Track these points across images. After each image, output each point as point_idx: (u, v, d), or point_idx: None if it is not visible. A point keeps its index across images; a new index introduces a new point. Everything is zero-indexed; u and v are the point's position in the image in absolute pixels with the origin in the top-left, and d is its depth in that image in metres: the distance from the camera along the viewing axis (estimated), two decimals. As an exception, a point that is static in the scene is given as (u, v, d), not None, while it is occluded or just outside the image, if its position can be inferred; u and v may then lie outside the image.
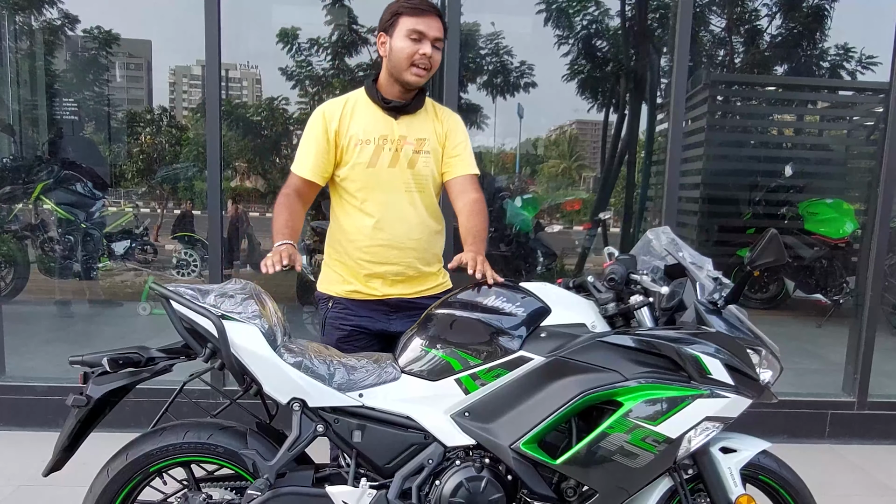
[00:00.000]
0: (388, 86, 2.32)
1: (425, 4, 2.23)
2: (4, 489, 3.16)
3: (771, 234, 1.79)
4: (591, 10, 6.34)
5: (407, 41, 2.21)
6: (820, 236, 5.87)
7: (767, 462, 2.12)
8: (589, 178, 8.01)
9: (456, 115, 2.48)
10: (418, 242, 2.36)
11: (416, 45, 2.21)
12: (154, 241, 6.32)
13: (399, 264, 2.35)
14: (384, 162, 2.30)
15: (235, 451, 2.00)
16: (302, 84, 6.27)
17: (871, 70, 5.88)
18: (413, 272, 2.38)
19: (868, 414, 4.11)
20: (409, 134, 2.33)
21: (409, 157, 2.32)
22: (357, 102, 2.36)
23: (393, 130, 2.32)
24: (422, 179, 2.34)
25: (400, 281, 2.38)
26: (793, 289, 6.41)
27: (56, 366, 4.18)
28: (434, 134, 2.37)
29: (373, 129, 2.31)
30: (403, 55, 2.22)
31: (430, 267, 2.44)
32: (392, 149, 2.30)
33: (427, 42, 2.22)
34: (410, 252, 2.35)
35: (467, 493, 1.93)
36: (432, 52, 2.23)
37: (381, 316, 2.42)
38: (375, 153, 2.30)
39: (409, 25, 2.21)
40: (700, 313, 1.93)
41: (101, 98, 6.51)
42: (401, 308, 2.41)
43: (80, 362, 1.96)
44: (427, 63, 2.23)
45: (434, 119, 2.40)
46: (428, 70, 2.25)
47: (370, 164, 2.30)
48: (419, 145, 2.33)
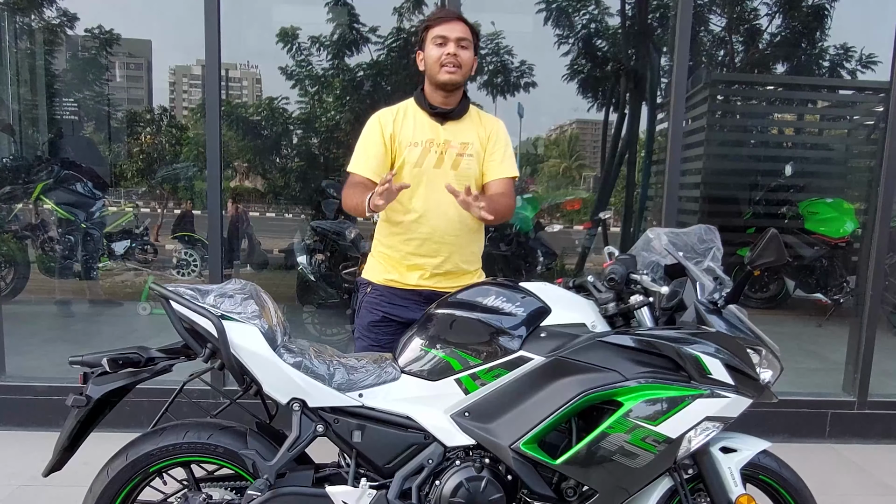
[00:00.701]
0: (431, 94, 2.52)
1: (445, 13, 2.51)
2: (5, 489, 3.16)
3: (771, 233, 1.79)
4: (591, 10, 6.34)
5: (434, 47, 2.43)
6: (820, 235, 5.87)
7: (768, 462, 2.12)
8: (589, 177, 8.00)
9: (499, 122, 2.64)
10: (457, 238, 2.50)
11: (441, 48, 2.41)
12: (154, 240, 6.32)
13: (438, 257, 2.49)
14: (430, 162, 2.48)
15: (235, 452, 2.00)
16: (302, 84, 6.27)
17: (871, 69, 5.88)
18: (451, 266, 2.51)
19: (868, 413, 4.10)
20: (454, 138, 2.51)
21: (454, 159, 2.49)
22: (408, 110, 2.56)
23: (439, 134, 2.51)
24: (464, 180, 2.45)
25: (438, 274, 2.51)
26: (793, 288, 6.40)
27: (56, 366, 4.18)
28: (477, 138, 2.54)
29: (421, 133, 2.50)
30: (433, 59, 2.43)
31: (468, 265, 2.57)
32: (437, 151, 2.49)
33: (451, 43, 2.41)
34: (449, 247, 2.49)
35: (467, 493, 1.93)
36: (458, 50, 2.41)
37: (413, 306, 2.51)
38: (422, 154, 2.48)
39: (434, 33, 2.43)
40: (700, 313, 1.93)
41: (102, 98, 6.51)
42: (433, 300, 2.44)
43: (79, 362, 1.96)
44: (454, 61, 2.40)
45: (478, 125, 2.57)
46: (458, 67, 2.42)
47: (417, 164, 2.47)
48: (463, 148, 2.51)
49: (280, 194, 6.73)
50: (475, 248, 2.61)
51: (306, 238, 5.50)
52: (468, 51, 2.44)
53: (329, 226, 5.32)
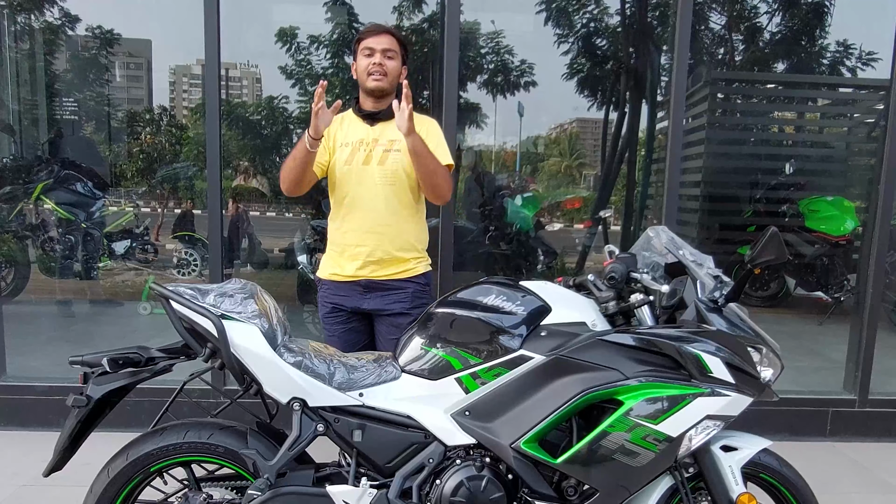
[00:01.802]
0: (363, 100, 2.75)
1: (375, 27, 2.69)
2: (5, 489, 3.16)
3: (771, 232, 1.78)
4: (591, 9, 6.33)
5: (362, 57, 2.68)
6: (821, 234, 5.86)
7: (768, 460, 2.11)
8: (589, 176, 8.00)
9: (431, 119, 2.82)
10: (388, 228, 2.68)
11: (368, 58, 2.66)
12: (154, 240, 6.32)
13: (368, 246, 2.68)
14: (358, 160, 2.69)
15: (236, 451, 2.01)
16: (302, 83, 6.26)
17: (871, 67, 5.87)
18: (382, 254, 2.69)
19: (869, 412, 4.10)
20: (382, 136, 2.71)
21: (380, 155, 2.69)
22: (346, 116, 2.80)
23: (368, 134, 2.72)
24: (391, 174, 2.68)
25: (372, 262, 2.69)
26: (794, 286, 6.40)
27: (56, 366, 4.18)
28: None
29: (352, 135, 2.73)
30: (361, 68, 2.69)
31: (402, 252, 2.73)
32: (366, 150, 2.69)
33: (377, 54, 2.64)
34: (380, 237, 2.67)
35: (468, 492, 1.93)
36: (383, 60, 2.64)
37: (355, 295, 2.73)
38: (352, 153, 2.70)
39: (363, 45, 2.68)
40: (701, 311, 1.93)
41: (102, 98, 6.50)
42: (372, 288, 2.71)
43: (80, 362, 1.96)
44: (380, 70, 2.64)
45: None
46: (384, 75, 2.65)
47: (346, 162, 2.70)
48: (390, 145, 2.69)
49: (280, 193, 6.73)
50: (408, 237, 2.74)
51: (307, 237, 5.49)
52: (394, 60, 2.67)
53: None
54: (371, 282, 2.70)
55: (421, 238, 2.82)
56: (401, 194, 2.71)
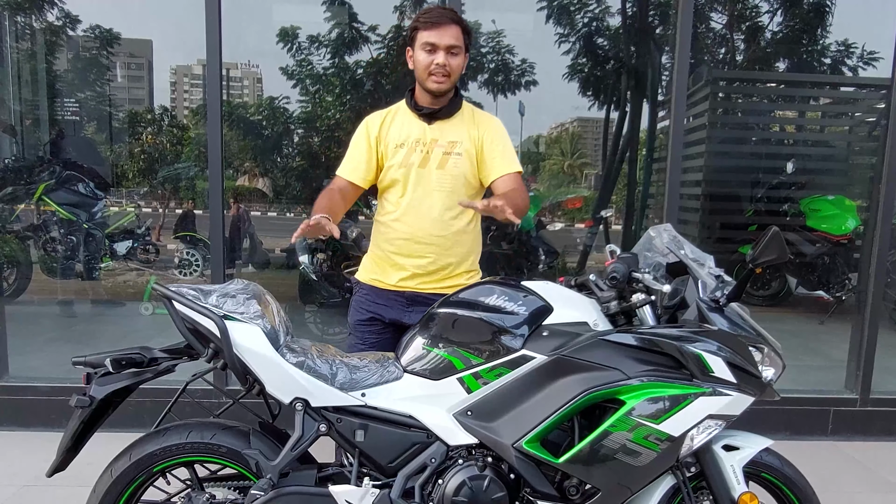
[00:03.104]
0: (420, 94, 2.47)
1: (436, 16, 2.35)
2: (8, 489, 3.17)
3: (773, 231, 1.78)
4: (592, 8, 6.34)
5: (423, 53, 2.36)
6: (822, 233, 5.86)
7: (770, 459, 2.11)
8: (590, 175, 8.01)
9: (495, 120, 2.57)
10: (441, 239, 2.45)
11: (430, 55, 2.34)
12: (156, 240, 6.33)
13: (424, 258, 2.45)
14: (415, 162, 2.44)
15: (238, 451, 2.01)
16: (303, 83, 6.28)
17: (872, 66, 5.87)
18: (434, 266, 2.46)
19: (870, 411, 4.10)
20: (441, 137, 2.45)
21: (440, 158, 2.44)
22: (398, 112, 2.53)
23: (425, 134, 2.46)
24: (451, 179, 2.44)
25: (420, 274, 2.47)
26: (795, 286, 6.39)
27: (59, 366, 4.18)
28: (468, 137, 2.47)
29: (407, 133, 2.46)
30: (421, 67, 2.37)
31: (457, 266, 2.51)
32: (423, 151, 2.44)
33: (440, 52, 2.33)
34: (432, 247, 2.44)
35: (470, 491, 1.93)
36: (447, 58, 2.34)
37: (397, 306, 2.52)
38: (407, 154, 2.44)
39: (424, 39, 2.35)
40: (702, 311, 1.93)
41: (103, 98, 6.52)
42: (417, 302, 2.48)
43: (83, 363, 1.96)
44: (443, 70, 2.34)
45: (470, 123, 2.50)
46: (447, 76, 2.36)
47: (402, 165, 2.44)
48: (451, 147, 2.45)
49: (281, 193, 6.74)
50: (464, 249, 2.52)
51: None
52: (459, 57, 2.38)
53: (330, 225, 5.31)
54: (417, 295, 2.47)
55: (475, 250, 2.58)
56: (457, 202, 2.43)
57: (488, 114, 2.59)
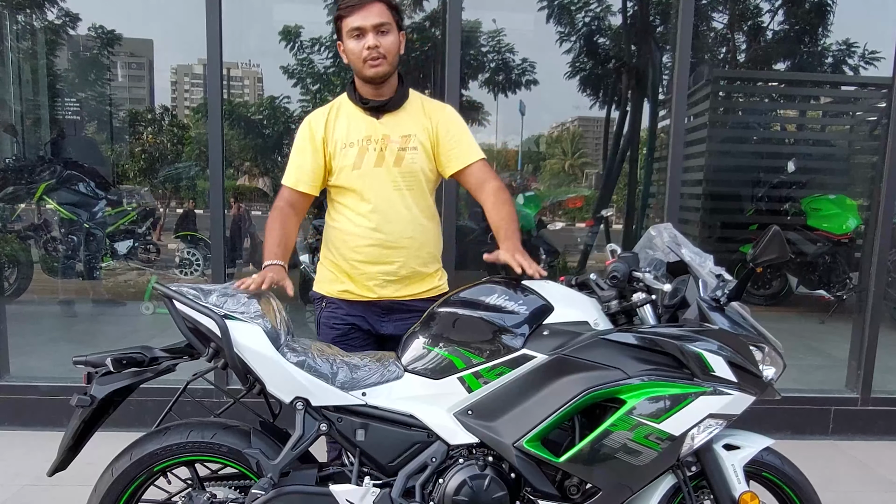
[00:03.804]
0: (361, 87, 2.32)
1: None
2: (10, 488, 3.17)
3: (773, 231, 1.78)
4: (593, 7, 6.33)
5: (352, 41, 2.21)
6: (823, 232, 5.86)
7: (771, 459, 2.11)
8: (591, 175, 8.00)
9: (447, 107, 2.42)
10: (412, 241, 2.34)
11: (359, 41, 2.20)
12: (157, 240, 6.33)
13: (393, 263, 2.34)
14: (369, 162, 2.29)
15: (239, 451, 2.01)
16: (304, 82, 6.27)
17: (873, 65, 5.87)
18: (407, 271, 2.37)
19: (871, 410, 4.10)
20: (393, 132, 2.31)
21: (395, 154, 2.30)
22: (341, 107, 2.37)
23: (376, 130, 2.31)
24: (410, 176, 2.32)
25: (393, 281, 2.36)
26: (796, 285, 6.39)
27: (60, 365, 4.19)
28: (421, 129, 2.34)
29: (356, 132, 2.31)
30: (354, 55, 2.23)
31: (426, 267, 2.42)
32: (376, 148, 2.29)
33: (368, 34, 2.18)
34: (404, 251, 2.34)
35: (471, 491, 1.93)
36: (377, 39, 2.19)
37: (372, 316, 2.42)
38: (359, 155, 2.29)
39: (349, 25, 2.20)
40: (703, 310, 1.93)
41: (103, 98, 6.52)
42: (393, 310, 2.41)
43: (83, 362, 1.96)
44: (376, 53, 2.19)
45: (421, 113, 2.37)
46: (383, 58, 2.20)
47: (355, 167, 2.30)
48: (405, 142, 2.31)
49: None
50: (431, 248, 2.43)
51: (309, 236, 5.49)
52: (390, 35, 2.21)
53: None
54: (393, 303, 2.38)
55: (440, 246, 2.48)
56: (420, 199, 2.35)
57: (439, 102, 2.46)
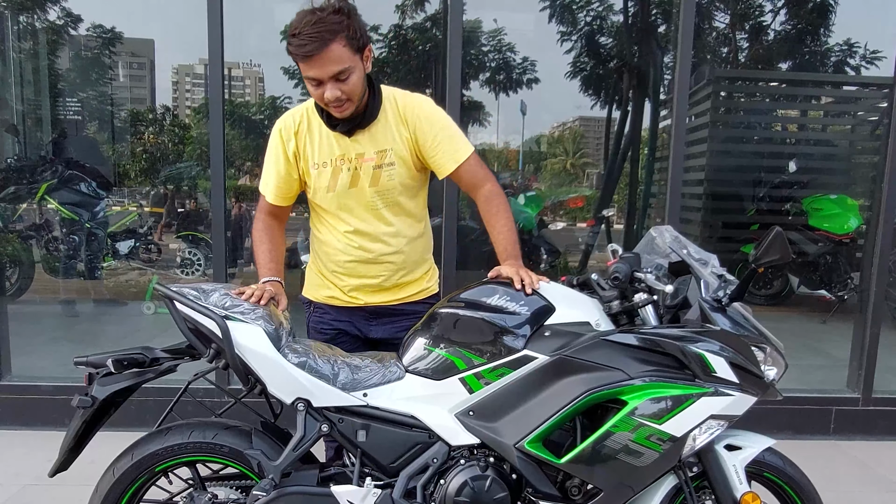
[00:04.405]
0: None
1: (307, 42, 1.94)
2: (11, 488, 3.17)
3: (775, 232, 1.78)
4: (594, 6, 6.33)
5: (311, 86, 2.05)
6: (824, 232, 5.86)
7: (772, 459, 2.11)
8: (592, 174, 8.00)
9: (423, 105, 2.22)
10: (396, 256, 2.30)
11: (317, 89, 2.04)
12: (158, 240, 6.33)
13: (377, 277, 2.32)
14: (343, 184, 2.20)
15: (240, 451, 2.01)
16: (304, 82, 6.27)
17: (874, 65, 5.86)
18: (391, 283, 2.34)
19: (873, 410, 4.10)
20: (368, 149, 2.18)
21: (371, 174, 2.19)
22: (311, 121, 2.21)
23: (348, 149, 2.18)
24: (388, 194, 2.22)
25: (378, 291, 2.35)
26: (797, 285, 6.40)
27: (61, 365, 4.19)
28: (398, 139, 2.20)
29: (327, 151, 2.20)
30: (316, 97, 2.08)
31: (412, 274, 2.38)
32: (350, 168, 2.18)
33: (326, 85, 2.00)
34: (389, 266, 2.31)
35: (472, 491, 1.93)
36: (338, 87, 2.00)
37: (360, 321, 2.41)
38: (333, 176, 2.20)
39: (305, 72, 2.02)
40: (704, 311, 1.93)
41: (105, 97, 6.52)
42: (380, 314, 2.39)
43: (84, 363, 1.96)
44: (337, 101, 2.03)
45: (397, 121, 2.20)
46: (349, 100, 2.05)
47: (329, 189, 2.21)
48: (380, 158, 2.18)
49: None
50: (417, 256, 2.37)
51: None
52: (352, 76, 2.01)
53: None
54: (380, 308, 2.36)
55: (429, 247, 2.44)
56: (401, 213, 2.28)
57: (414, 98, 2.24)
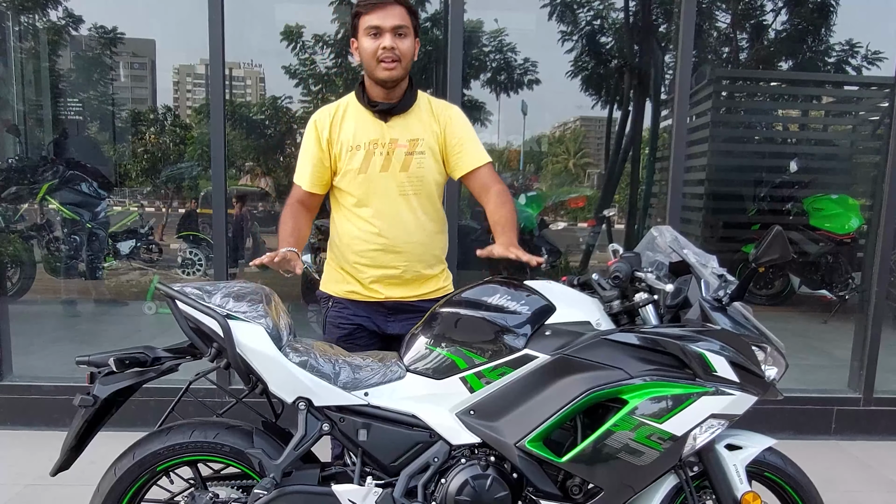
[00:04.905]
0: (371, 88, 2.29)
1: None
2: (13, 488, 3.17)
3: (776, 231, 1.78)
4: (595, 6, 6.33)
5: (368, 39, 2.18)
6: (825, 232, 5.85)
7: (773, 459, 2.11)
8: (593, 174, 8.00)
9: (454, 108, 2.41)
10: (417, 246, 2.35)
11: (375, 40, 2.17)
12: (159, 240, 6.34)
13: (397, 267, 2.35)
14: (375, 167, 2.27)
15: (242, 450, 2.01)
16: (305, 82, 6.28)
17: (876, 65, 5.86)
18: (410, 275, 2.37)
19: (874, 410, 4.10)
20: (401, 136, 2.29)
21: (402, 159, 2.28)
22: (348, 108, 2.33)
23: (383, 134, 2.29)
24: (417, 181, 2.30)
25: (398, 284, 2.38)
26: (798, 285, 6.39)
27: (62, 365, 4.20)
28: (430, 132, 2.33)
29: (362, 134, 2.29)
30: (368, 54, 2.20)
31: (431, 269, 2.43)
32: (383, 153, 2.27)
33: (386, 34, 2.16)
34: (409, 255, 2.34)
35: (473, 491, 1.93)
36: (395, 41, 2.17)
37: (378, 317, 2.44)
38: (366, 158, 2.27)
39: (367, 23, 2.17)
40: (705, 310, 1.93)
41: (106, 98, 6.53)
42: (399, 310, 2.42)
43: (86, 362, 1.96)
44: (391, 55, 2.17)
45: (430, 116, 2.35)
46: (397, 61, 2.18)
47: (361, 171, 2.28)
48: (412, 146, 2.29)
49: (284, 193, 6.74)
50: (437, 251, 2.43)
51: (311, 237, 5.50)
52: (407, 38, 2.19)
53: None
54: (398, 304, 2.39)
55: (445, 248, 2.49)
56: (427, 205, 2.35)
57: (445, 102, 2.44)
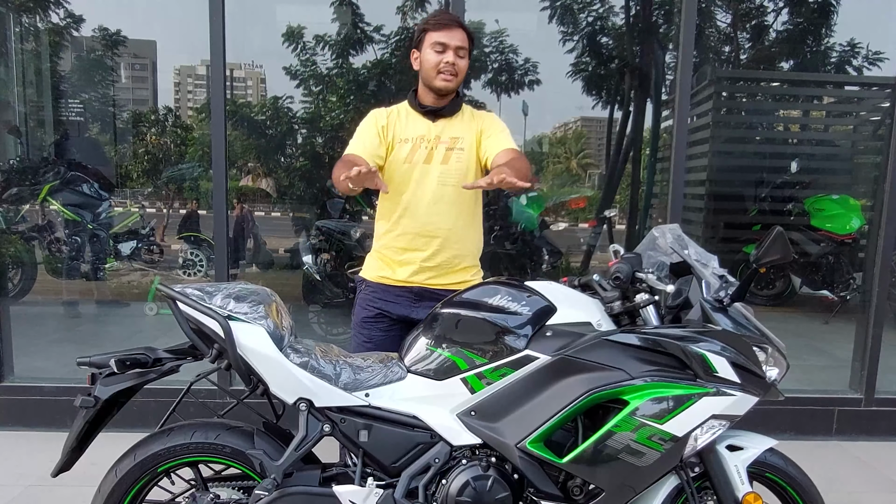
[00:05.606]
0: (423, 94, 2.57)
1: (447, 19, 2.51)
2: (14, 489, 3.18)
3: (777, 231, 1.78)
4: (596, 7, 6.33)
5: (432, 52, 2.47)
6: (826, 232, 5.85)
7: (774, 459, 2.11)
8: (594, 175, 8.00)
9: (492, 114, 2.70)
10: (448, 232, 2.51)
11: (440, 55, 2.46)
12: (160, 241, 6.34)
13: (427, 250, 2.51)
14: (419, 158, 2.51)
15: (243, 451, 2.01)
16: (306, 83, 6.28)
17: (877, 66, 5.86)
18: (442, 259, 2.52)
19: (875, 410, 4.09)
20: (444, 134, 2.55)
21: (443, 153, 2.53)
22: (401, 110, 2.62)
23: (430, 130, 2.55)
24: (454, 173, 2.52)
25: (428, 268, 2.51)
26: (799, 285, 6.38)
27: (64, 366, 4.20)
28: (470, 132, 2.58)
29: (412, 130, 2.56)
30: (430, 65, 2.48)
31: (461, 260, 2.56)
32: (427, 147, 2.53)
33: (450, 51, 2.46)
34: (439, 241, 2.50)
35: (474, 491, 1.94)
36: (455, 59, 2.47)
37: (405, 302, 2.55)
38: (412, 150, 2.52)
39: (434, 39, 2.47)
40: (706, 311, 1.93)
41: (107, 99, 6.53)
42: (424, 297, 2.53)
43: (87, 363, 1.97)
44: (452, 69, 2.46)
45: (470, 121, 2.61)
46: (455, 75, 2.48)
47: (406, 160, 2.52)
48: (453, 143, 2.54)
49: (285, 194, 6.75)
50: (469, 245, 2.60)
51: (312, 238, 5.51)
52: (464, 60, 2.51)
53: (334, 225, 5.35)
54: (425, 290, 2.52)
55: (479, 246, 2.66)
56: (463, 196, 2.53)
57: (485, 111, 2.72)
